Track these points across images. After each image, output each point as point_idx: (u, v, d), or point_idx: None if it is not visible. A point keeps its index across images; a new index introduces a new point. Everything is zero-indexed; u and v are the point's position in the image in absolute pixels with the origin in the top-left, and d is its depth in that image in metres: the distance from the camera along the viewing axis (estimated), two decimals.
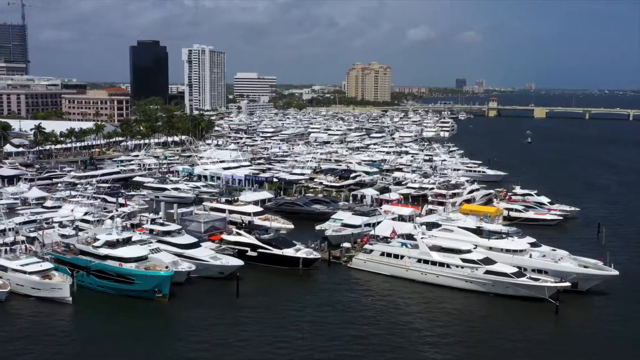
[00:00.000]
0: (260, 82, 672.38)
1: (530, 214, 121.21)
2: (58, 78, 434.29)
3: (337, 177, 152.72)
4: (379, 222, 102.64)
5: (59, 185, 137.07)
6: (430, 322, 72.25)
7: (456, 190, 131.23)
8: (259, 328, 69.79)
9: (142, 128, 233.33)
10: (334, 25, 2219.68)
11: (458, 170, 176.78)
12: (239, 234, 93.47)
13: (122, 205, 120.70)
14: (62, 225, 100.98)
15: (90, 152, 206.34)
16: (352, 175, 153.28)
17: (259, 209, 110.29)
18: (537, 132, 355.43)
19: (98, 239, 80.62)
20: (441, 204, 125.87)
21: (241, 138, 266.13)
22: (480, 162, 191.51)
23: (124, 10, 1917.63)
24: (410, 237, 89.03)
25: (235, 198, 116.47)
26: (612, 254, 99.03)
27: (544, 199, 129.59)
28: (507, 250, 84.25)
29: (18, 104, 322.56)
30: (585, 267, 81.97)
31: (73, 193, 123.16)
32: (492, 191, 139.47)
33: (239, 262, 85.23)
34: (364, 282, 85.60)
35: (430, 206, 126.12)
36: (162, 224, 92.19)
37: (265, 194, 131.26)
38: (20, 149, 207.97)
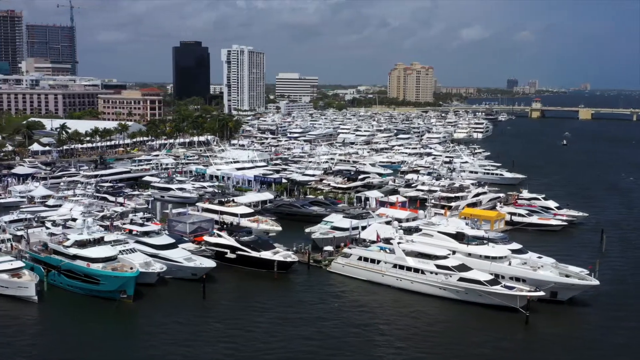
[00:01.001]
0: (302, 82, 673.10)
1: (534, 219, 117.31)
2: (99, 78, 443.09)
3: (345, 179, 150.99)
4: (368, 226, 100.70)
5: (61, 184, 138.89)
6: (393, 327, 70.30)
7: (460, 194, 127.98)
8: (216, 329, 69.38)
9: (166, 128, 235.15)
10: (385, 26, 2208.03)
11: (476, 172, 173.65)
12: (220, 236, 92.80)
13: (121, 204, 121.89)
14: (55, 224, 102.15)
15: (101, 152, 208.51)
16: (360, 177, 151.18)
17: (248, 210, 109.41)
18: (578, 134, 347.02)
19: (68, 239, 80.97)
20: (447, 207, 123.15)
21: (267, 138, 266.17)
22: (499, 164, 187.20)
23: (179, 12, 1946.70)
24: (389, 241, 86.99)
25: (228, 199, 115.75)
26: (609, 262, 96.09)
27: (551, 204, 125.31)
28: (487, 257, 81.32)
29: (56, 103, 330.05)
30: (567, 276, 78.48)
31: (75, 192, 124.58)
32: (501, 195, 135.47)
33: (211, 264, 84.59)
34: (338, 287, 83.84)
35: (433, 209, 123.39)
36: (141, 224, 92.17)
37: (267, 195, 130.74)
38: (47, 148, 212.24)
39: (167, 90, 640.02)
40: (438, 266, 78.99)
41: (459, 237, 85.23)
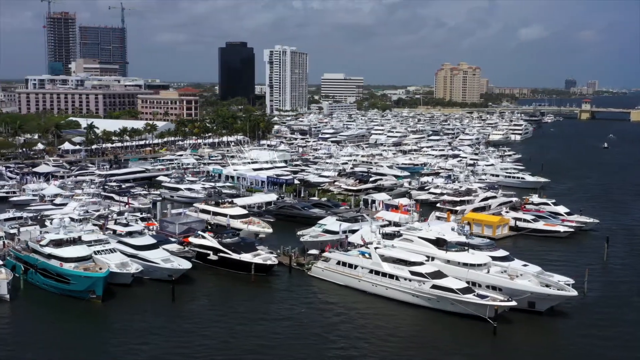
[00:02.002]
0: (347, 82, 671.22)
1: (539, 225, 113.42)
2: (142, 79, 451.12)
3: (357, 181, 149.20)
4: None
5: (68, 183, 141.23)
6: (355, 333, 68.58)
7: (467, 198, 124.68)
8: (172, 330, 69.15)
9: (194, 128, 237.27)
10: (441, 26, 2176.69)
11: (497, 176, 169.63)
12: (203, 237, 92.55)
13: (125, 204, 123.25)
14: (52, 222, 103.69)
15: (114, 151, 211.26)
16: (372, 179, 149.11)
17: (242, 211, 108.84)
18: (624, 137, 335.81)
19: (44, 238, 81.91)
20: (451, 211, 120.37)
21: (295, 139, 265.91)
22: (522, 167, 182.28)
23: (235, 13, 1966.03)
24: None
25: (224, 200, 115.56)
26: (606, 271, 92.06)
27: (561, 209, 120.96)
28: (465, 264, 78.68)
29: (96, 103, 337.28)
30: (547, 286, 75.25)
31: (77, 191, 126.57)
32: (513, 199, 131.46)
33: (188, 265, 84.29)
34: (313, 291, 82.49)
35: (437, 213, 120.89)
36: (125, 225, 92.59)
37: (270, 197, 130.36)
38: (77, 147, 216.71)
39: (215, 91, 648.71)
40: (412, 273, 76.81)
41: (439, 243, 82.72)
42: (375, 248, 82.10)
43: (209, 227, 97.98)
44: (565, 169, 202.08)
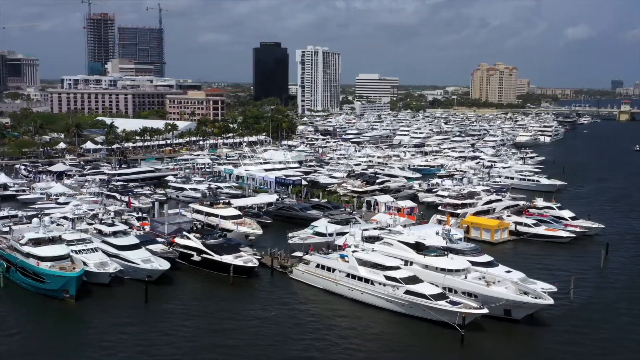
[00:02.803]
0: (382, 82, 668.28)
1: (540, 230, 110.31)
2: (174, 79, 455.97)
3: (364, 182, 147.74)
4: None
5: (72, 182, 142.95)
6: (322, 336, 67.64)
7: (469, 201, 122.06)
8: (139, 331, 69.13)
9: (215, 128, 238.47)
10: (485, 26, 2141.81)
11: (512, 178, 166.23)
12: (188, 238, 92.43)
13: (127, 203, 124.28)
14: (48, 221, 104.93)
15: (123, 151, 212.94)
16: (378, 180, 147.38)
17: (234, 212, 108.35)
18: None
19: (24, 237, 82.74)
20: (452, 214, 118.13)
21: (317, 139, 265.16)
22: (538, 170, 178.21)
23: (277, 14, 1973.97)
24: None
25: (218, 200, 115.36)
26: (598, 279, 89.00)
27: (566, 213, 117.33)
28: (442, 270, 76.73)
29: (126, 103, 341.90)
30: (525, 293, 72.88)
31: (82, 190, 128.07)
32: (520, 203, 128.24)
33: (166, 266, 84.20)
34: (291, 294, 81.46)
35: (439, 216, 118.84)
36: (110, 224, 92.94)
37: (272, 197, 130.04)
38: (99, 146, 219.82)
39: (251, 91, 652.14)
40: (387, 277, 75.24)
41: (418, 247, 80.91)
42: (353, 251, 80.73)
43: (195, 228, 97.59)
44: (588, 172, 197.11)
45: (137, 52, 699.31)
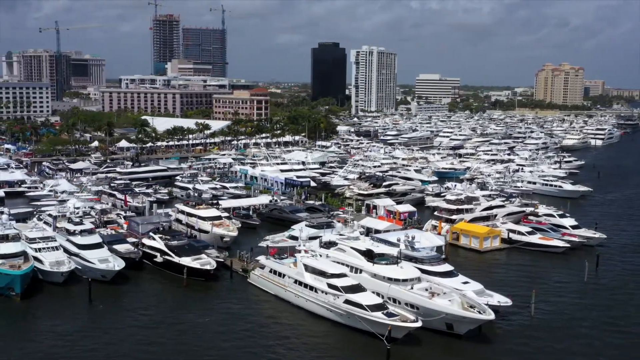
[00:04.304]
0: (442, 83, 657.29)
1: (534, 238, 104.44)
2: (227, 79, 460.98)
3: (371, 185, 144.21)
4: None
5: (74, 179, 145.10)
6: (249, 342, 65.66)
7: (466, 206, 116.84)
8: (72, 330, 68.74)
9: (247, 128, 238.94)
10: (564, 26, 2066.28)
11: (534, 183, 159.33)
12: (153, 239, 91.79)
13: (123, 202, 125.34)
14: (39, 218, 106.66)
15: (136, 150, 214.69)
16: (385, 183, 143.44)
17: (214, 213, 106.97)
18: None
19: None
20: (449, 220, 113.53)
21: (352, 140, 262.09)
22: (563, 175, 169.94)
23: (352, 14, 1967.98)
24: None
25: (199, 201, 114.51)
26: (578, 294, 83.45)
27: (567, 222, 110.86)
28: (389, 279, 73.12)
29: (174, 102, 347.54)
30: (471, 307, 68.52)
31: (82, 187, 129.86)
32: (526, 209, 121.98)
33: (120, 266, 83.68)
34: (240, 300, 79.37)
35: (433, 222, 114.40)
36: (77, 223, 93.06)
37: (264, 199, 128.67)
38: (132, 145, 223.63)
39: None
40: (329, 285, 72.24)
41: (369, 254, 77.48)
42: (302, 257, 78.03)
43: (161, 229, 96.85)
44: (625, 179, 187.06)
45: (200, 52, 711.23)
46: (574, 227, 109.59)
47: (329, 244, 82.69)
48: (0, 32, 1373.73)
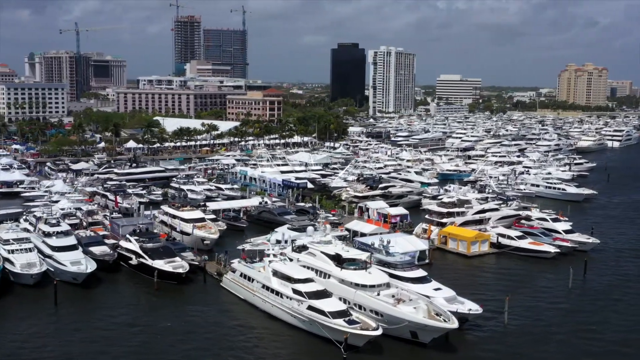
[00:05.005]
0: (463, 83, 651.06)
1: (524, 243, 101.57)
2: (242, 80, 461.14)
3: (368, 187, 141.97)
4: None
5: (74, 180, 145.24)
6: (208, 346, 64.31)
7: (457, 209, 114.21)
8: (30, 334, 67.70)
9: (255, 129, 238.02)
10: (593, 25, 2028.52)
11: (537, 186, 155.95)
12: (129, 241, 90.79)
13: (114, 203, 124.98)
14: (25, 219, 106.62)
15: (140, 150, 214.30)
16: (381, 185, 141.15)
17: (197, 215, 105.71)
18: None
19: None
20: (440, 224, 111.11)
21: (361, 141, 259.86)
22: (568, 178, 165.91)
23: (378, 14, 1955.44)
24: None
25: (184, 203, 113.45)
26: (559, 301, 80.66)
27: (560, 226, 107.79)
28: (356, 285, 71.11)
29: (187, 103, 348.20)
30: (437, 314, 66.24)
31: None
32: (522, 212, 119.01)
33: (91, 269, 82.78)
34: (209, 304, 77.97)
35: (424, 225, 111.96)
36: (54, 224, 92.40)
37: (254, 201, 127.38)
38: (140, 145, 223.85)
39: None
40: (294, 290, 70.49)
41: (338, 259, 75.46)
42: (270, 261, 76.36)
43: (138, 231, 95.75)
44: (636, 181, 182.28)
45: (221, 53, 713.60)
46: (567, 231, 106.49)
47: (301, 248, 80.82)
48: (29, 34, 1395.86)
